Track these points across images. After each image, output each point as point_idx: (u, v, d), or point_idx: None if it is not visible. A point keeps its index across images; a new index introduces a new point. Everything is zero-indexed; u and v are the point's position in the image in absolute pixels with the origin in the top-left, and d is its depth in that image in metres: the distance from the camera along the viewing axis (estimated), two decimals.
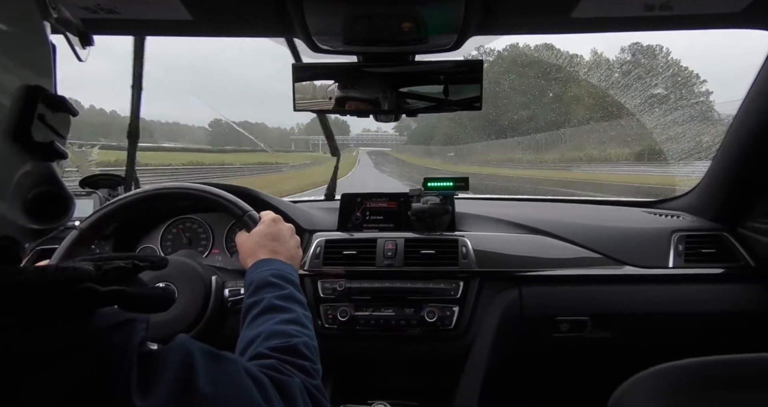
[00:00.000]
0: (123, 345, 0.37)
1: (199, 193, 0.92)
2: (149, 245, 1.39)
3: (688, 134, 2.57)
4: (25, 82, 0.37)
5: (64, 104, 0.41)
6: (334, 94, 1.06)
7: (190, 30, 1.02)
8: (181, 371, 0.40)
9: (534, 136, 24.37)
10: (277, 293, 0.70)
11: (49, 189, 0.41)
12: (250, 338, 0.63)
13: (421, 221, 1.36)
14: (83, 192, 1.43)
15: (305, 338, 0.64)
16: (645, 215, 1.53)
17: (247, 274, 0.77)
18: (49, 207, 0.41)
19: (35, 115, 0.37)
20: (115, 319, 0.38)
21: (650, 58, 27.48)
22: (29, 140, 0.37)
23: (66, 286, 0.36)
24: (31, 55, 0.38)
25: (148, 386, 0.36)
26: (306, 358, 0.60)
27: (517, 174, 19.25)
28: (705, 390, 0.96)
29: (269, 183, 15.63)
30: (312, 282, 1.27)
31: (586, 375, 1.48)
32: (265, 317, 0.66)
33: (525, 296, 1.28)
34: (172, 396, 0.38)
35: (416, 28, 0.91)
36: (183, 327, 0.88)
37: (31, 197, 0.38)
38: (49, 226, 0.42)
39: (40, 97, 0.38)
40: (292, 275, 0.77)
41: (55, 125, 0.39)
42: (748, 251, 1.32)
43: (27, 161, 0.38)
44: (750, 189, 1.33)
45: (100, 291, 0.37)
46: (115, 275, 0.41)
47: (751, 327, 1.30)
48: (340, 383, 1.33)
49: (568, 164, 20.12)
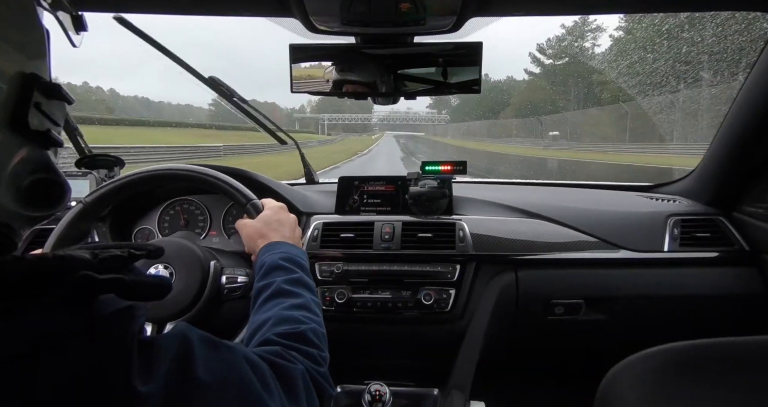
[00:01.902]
0: (123, 332, 0.37)
1: (204, 177, 0.93)
2: (146, 226, 1.39)
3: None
4: (21, 69, 0.36)
5: (59, 92, 0.40)
6: (332, 76, 1.05)
7: (186, 8, 1.00)
8: (180, 358, 0.41)
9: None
10: (286, 277, 0.71)
11: (45, 176, 0.40)
12: (260, 322, 0.63)
13: (419, 205, 1.36)
14: (79, 173, 1.42)
15: (314, 324, 0.65)
16: (641, 200, 1.54)
17: (260, 255, 0.78)
18: (45, 194, 0.41)
19: (31, 102, 0.37)
20: (114, 307, 0.38)
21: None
22: (25, 127, 0.36)
23: (64, 274, 0.36)
24: (25, 40, 0.38)
25: (148, 372, 0.37)
26: (314, 345, 0.61)
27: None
28: (695, 373, 0.97)
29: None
30: (309, 265, 1.27)
31: (580, 358, 1.50)
32: (275, 301, 0.67)
33: (521, 279, 1.29)
34: (170, 382, 0.38)
35: (414, 9, 0.89)
36: (177, 310, 0.89)
37: (27, 185, 0.38)
38: (44, 213, 0.42)
39: (35, 85, 0.37)
40: (302, 259, 0.78)
41: (51, 112, 0.39)
42: (742, 236, 1.33)
43: (22, 149, 0.37)
44: (745, 174, 1.33)
45: (98, 279, 0.37)
46: (112, 263, 0.41)
47: (744, 311, 1.32)
48: (336, 364, 1.34)
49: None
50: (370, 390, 1.22)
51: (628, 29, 19.36)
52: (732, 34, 2.47)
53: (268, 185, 1.32)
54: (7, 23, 0.36)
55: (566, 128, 20.12)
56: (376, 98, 1.13)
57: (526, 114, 24.63)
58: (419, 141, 44.16)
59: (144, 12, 1.05)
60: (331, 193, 1.46)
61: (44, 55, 0.40)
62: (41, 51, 0.40)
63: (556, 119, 21.03)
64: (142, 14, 1.06)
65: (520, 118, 26.16)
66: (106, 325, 0.37)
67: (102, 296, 0.38)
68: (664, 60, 6.49)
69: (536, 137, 21.98)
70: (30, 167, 0.38)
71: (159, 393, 0.36)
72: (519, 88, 27.97)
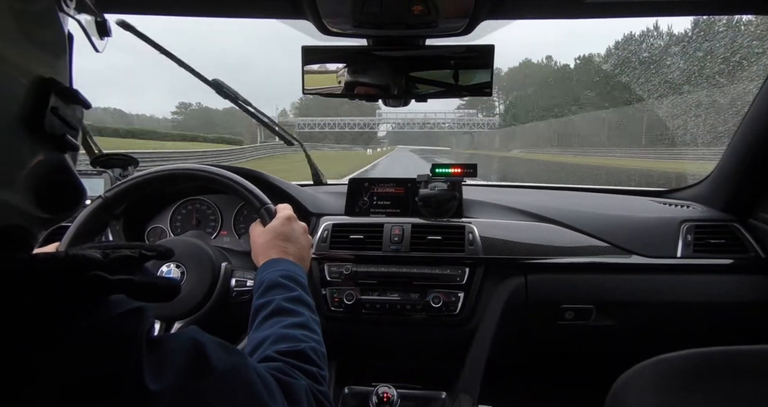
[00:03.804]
0: (133, 332, 0.37)
1: (221, 178, 0.94)
2: (159, 225, 1.40)
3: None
4: (40, 72, 0.37)
5: (77, 97, 0.41)
6: (344, 78, 1.05)
7: (200, 10, 1.01)
8: (191, 358, 0.41)
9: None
10: (286, 295, 0.71)
11: (62, 179, 0.41)
12: (259, 340, 0.63)
13: (428, 207, 1.36)
14: (94, 172, 1.44)
15: (313, 343, 0.64)
16: (654, 205, 1.52)
17: (258, 273, 0.78)
18: (61, 197, 0.41)
19: (48, 106, 0.37)
20: (125, 307, 0.39)
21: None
22: (42, 131, 0.37)
23: (76, 273, 0.36)
24: (47, 40, 0.38)
25: (159, 371, 0.37)
26: (314, 364, 0.61)
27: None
28: (707, 381, 0.96)
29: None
30: (319, 266, 1.28)
31: (590, 363, 1.49)
32: (274, 320, 0.67)
33: (530, 283, 1.28)
34: (181, 381, 0.38)
35: (427, 12, 0.90)
36: (186, 309, 0.90)
37: (44, 187, 0.38)
38: (59, 215, 0.42)
39: (53, 89, 0.37)
40: (301, 277, 0.78)
41: (68, 117, 0.39)
42: (758, 243, 1.31)
43: (39, 152, 0.38)
44: (761, 180, 1.31)
45: (109, 279, 0.37)
46: (122, 263, 0.41)
47: (758, 319, 1.29)
48: (344, 365, 1.35)
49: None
50: (377, 392, 1.22)
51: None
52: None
53: (279, 186, 1.33)
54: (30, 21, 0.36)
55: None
56: (388, 100, 1.14)
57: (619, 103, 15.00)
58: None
59: (159, 13, 1.06)
60: (341, 194, 1.47)
61: (64, 58, 0.41)
62: (62, 53, 0.40)
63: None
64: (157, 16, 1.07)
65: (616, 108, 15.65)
66: (116, 325, 0.37)
67: (112, 297, 0.39)
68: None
69: (651, 144, 14.38)
70: (47, 169, 0.39)
71: (170, 392, 0.37)
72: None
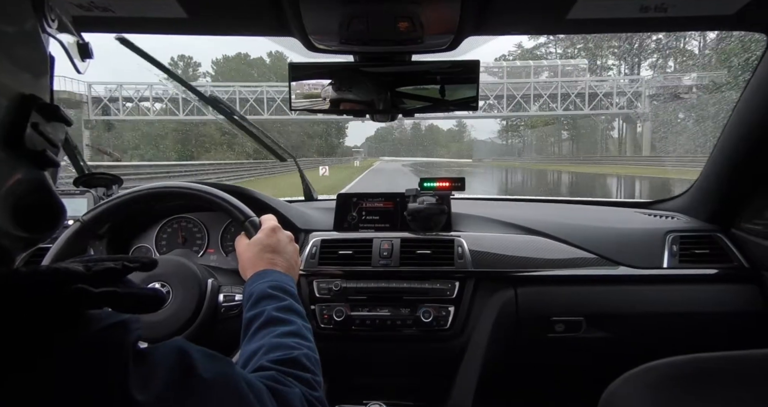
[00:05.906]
0: (118, 344, 0.37)
1: (203, 194, 0.93)
2: (144, 245, 1.38)
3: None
4: (20, 89, 0.36)
5: (59, 113, 0.40)
6: (329, 94, 1.06)
7: (185, 28, 1.01)
8: (178, 368, 0.41)
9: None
10: (276, 304, 0.71)
11: (41, 198, 0.40)
12: (252, 351, 0.63)
13: (417, 222, 1.36)
14: (77, 191, 1.42)
15: (306, 350, 0.64)
16: (640, 216, 1.54)
17: (247, 286, 0.77)
18: (40, 216, 0.40)
19: (28, 123, 0.36)
20: (109, 320, 0.38)
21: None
22: (22, 147, 0.36)
23: (58, 287, 0.36)
24: (27, 58, 0.38)
25: (145, 382, 0.37)
26: (307, 370, 0.61)
27: None
28: (696, 386, 0.96)
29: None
30: (308, 282, 1.26)
31: (581, 375, 1.48)
32: (266, 330, 0.67)
33: (520, 296, 1.28)
34: (168, 391, 0.38)
35: (413, 29, 0.91)
36: (174, 328, 0.88)
37: (22, 206, 0.38)
38: (39, 235, 0.41)
39: (34, 106, 0.37)
40: (291, 286, 0.77)
41: (49, 133, 0.39)
42: (741, 252, 1.33)
43: (19, 169, 0.37)
44: (743, 190, 1.33)
45: (92, 293, 0.37)
46: (105, 276, 0.41)
47: (743, 328, 1.31)
48: (335, 383, 1.33)
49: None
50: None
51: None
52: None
53: (266, 202, 1.31)
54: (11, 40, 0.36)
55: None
56: (374, 116, 1.14)
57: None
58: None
59: (145, 32, 1.06)
60: (330, 210, 1.46)
61: (45, 76, 0.40)
62: (43, 71, 0.40)
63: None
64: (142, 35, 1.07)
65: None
66: (101, 338, 0.37)
67: (97, 310, 0.38)
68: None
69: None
70: (25, 187, 0.38)
71: (157, 403, 0.36)
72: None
